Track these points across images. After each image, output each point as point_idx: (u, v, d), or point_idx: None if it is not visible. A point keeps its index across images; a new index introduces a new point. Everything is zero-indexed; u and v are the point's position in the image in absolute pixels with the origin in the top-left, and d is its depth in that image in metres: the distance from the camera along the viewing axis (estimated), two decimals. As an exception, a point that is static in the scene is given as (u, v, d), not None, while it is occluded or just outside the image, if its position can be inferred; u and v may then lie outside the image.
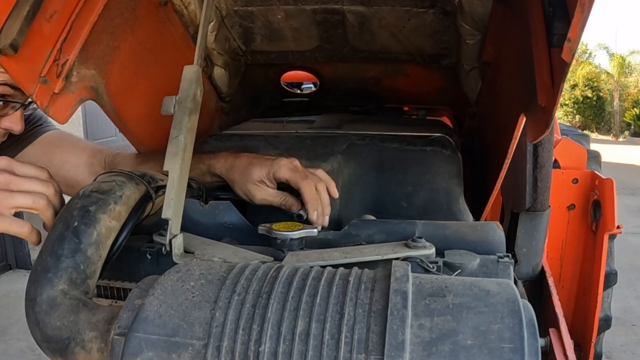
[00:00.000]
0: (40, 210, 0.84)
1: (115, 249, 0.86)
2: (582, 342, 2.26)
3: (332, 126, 1.45)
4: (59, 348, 0.72)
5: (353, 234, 0.96)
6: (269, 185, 1.07)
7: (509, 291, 0.62)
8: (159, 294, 0.65)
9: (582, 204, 2.29)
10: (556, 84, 0.78)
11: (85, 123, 5.24)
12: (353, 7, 1.33)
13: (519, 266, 1.28)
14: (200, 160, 1.13)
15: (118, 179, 0.89)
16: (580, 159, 2.36)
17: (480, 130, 1.51)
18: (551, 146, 1.23)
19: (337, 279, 0.65)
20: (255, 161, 1.08)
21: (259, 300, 0.62)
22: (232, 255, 0.87)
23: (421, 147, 1.26)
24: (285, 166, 1.04)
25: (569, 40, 0.69)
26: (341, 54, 1.53)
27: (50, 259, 0.77)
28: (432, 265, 0.83)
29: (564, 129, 3.21)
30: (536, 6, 0.88)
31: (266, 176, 1.06)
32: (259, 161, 1.08)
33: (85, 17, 1.01)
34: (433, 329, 0.58)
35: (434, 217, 1.14)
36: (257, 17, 1.41)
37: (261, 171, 1.06)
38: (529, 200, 1.23)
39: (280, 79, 1.77)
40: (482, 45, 1.30)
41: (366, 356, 0.56)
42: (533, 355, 0.56)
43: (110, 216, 0.84)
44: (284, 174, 1.04)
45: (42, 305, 0.74)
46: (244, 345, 0.59)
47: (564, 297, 2.28)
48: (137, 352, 0.60)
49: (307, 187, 1.01)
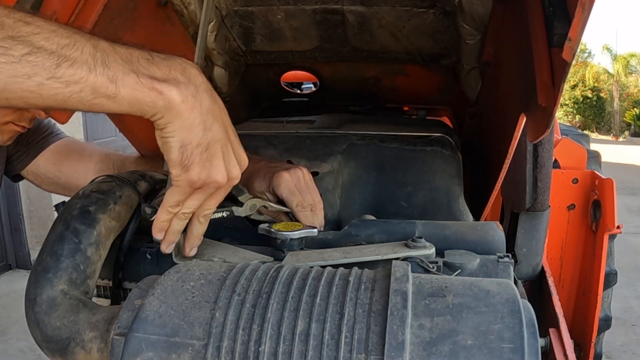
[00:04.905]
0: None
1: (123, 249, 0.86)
2: (582, 342, 2.26)
3: (332, 126, 1.45)
4: (58, 348, 0.72)
5: (353, 234, 0.96)
6: (270, 197, 1.05)
7: (509, 291, 0.62)
8: (159, 294, 0.65)
9: (582, 204, 2.29)
10: (556, 84, 0.78)
11: (85, 123, 5.24)
12: (353, 7, 1.33)
13: (519, 266, 1.28)
14: None
15: (118, 180, 0.89)
16: (580, 159, 2.36)
17: (480, 130, 1.51)
18: (551, 146, 1.23)
19: (337, 279, 0.65)
20: (259, 171, 1.06)
21: (259, 300, 0.62)
22: (232, 255, 0.87)
23: (421, 147, 1.26)
24: (284, 184, 1.01)
25: (569, 40, 0.69)
26: (341, 54, 1.53)
27: (50, 259, 0.77)
28: (432, 265, 0.83)
29: (564, 129, 3.21)
30: (536, 6, 0.88)
31: (267, 189, 1.04)
32: (262, 172, 1.05)
33: (85, 17, 1.01)
34: (433, 329, 0.58)
35: (433, 217, 1.14)
36: (257, 17, 1.41)
37: (262, 183, 1.04)
38: (529, 200, 1.23)
39: (280, 79, 1.77)
40: (482, 45, 1.30)
41: (366, 356, 0.56)
42: (533, 355, 0.56)
43: (110, 216, 0.84)
44: (281, 193, 1.02)
45: (42, 306, 0.74)
46: (244, 346, 0.59)
47: (564, 297, 2.28)
48: (137, 352, 0.60)
49: (301, 214, 1.00)
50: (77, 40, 0.60)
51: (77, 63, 0.59)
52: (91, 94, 0.61)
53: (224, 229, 1.02)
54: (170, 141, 0.67)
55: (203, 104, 0.68)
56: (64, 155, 1.29)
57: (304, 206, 1.00)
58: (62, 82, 0.59)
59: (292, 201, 1.00)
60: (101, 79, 0.61)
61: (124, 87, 0.62)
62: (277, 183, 1.02)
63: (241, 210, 0.94)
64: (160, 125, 0.67)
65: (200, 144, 0.69)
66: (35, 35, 0.58)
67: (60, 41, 0.59)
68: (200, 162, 0.70)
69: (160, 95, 0.63)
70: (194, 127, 0.67)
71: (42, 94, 0.59)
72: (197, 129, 0.67)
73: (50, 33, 0.59)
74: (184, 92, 0.65)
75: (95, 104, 0.62)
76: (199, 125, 0.67)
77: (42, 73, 0.58)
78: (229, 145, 0.74)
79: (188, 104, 0.65)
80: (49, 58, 0.58)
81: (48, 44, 0.59)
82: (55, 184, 1.30)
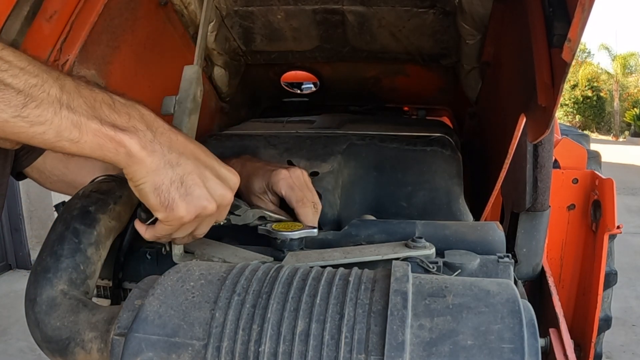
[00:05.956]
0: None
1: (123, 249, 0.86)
2: (582, 342, 2.26)
3: (332, 126, 1.45)
4: (58, 348, 0.72)
5: (353, 234, 0.96)
6: (270, 198, 1.05)
7: (509, 291, 0.62)
8: (159, 294, 0.65)
9: (582, 204, 2.29)
10: (556, 84, 0.78)
11: (85, 123, 5.24)
12: (353, 7, 1.33)
13: (519, 266, 1.28)
14: None
15: (118, 180, 0.89)
16: (580, 159, 2.36)
17: (480, 130, 1.51)
18: (551, 146, 1.23)
19: (337, 279, 0.64)
20: (257, 171, 1.06)
21: (259, 300, 0.62)
22: (232, 255, 0.87)
23: (421, 147, 1.26)
24: (283, 180, 1.01)
25: (569, 41, 0.69)
26: (341, 54, 1.53)
27: (50, 259, 0.77)
28: (432, 266, 0.83)
29: (564, 129, 3.22)
30: (536, 6, 0.88)
31: (266, 187, 1.04)
32: (261, 172, 1.05)
33: (85, 17, 1.01)
34: (433, 329, 0.58)
35: (434, 217, 1.13)
36: (257, 17, 1.41)
37: (261, 182, 1.04)
38: (529, 200, 1.23)
39: (280, 79, 1.77)
40: (482, 45, 1.30)
41: (366, 356, 0.56)
42: (533, 356, 0.56)
43: (110, 216, 0.84)
44: (280, 189, 1.02)
45: (42, 306, 0.74)
46: (244, 346, 0.59)
47: (564, 297, 2.28)
48: (136, 353, 0.60)
49: (301, 210, 1.00)
50: (45, 81, 0.61)
51: (43, 104, 0.60)
52: (55, 137, 0.61)
53: (224, 229, 1.02)
54: (142, 188, 0.69)
55: (163, 145, 0.69)
56: None
57: (304, 202, 1.00)
58: (27, 121, 0.59)
59: (292, 197, 1.00)
60: (65, 122, 0.61)
61: (87, 133, 0.63)
62: (276, 180, 1.02)
63: (239, 219, 0.94)
64: (129, 175, 0.68)
65: (174, 181, 0.70)
66: (3, 72, 0.58)
67: (29, 80, 0.60)
68: (181, 198, 0.70)
69: (121, 145, 0.65)
70: (159, 168, 0.68)
71: (6, 130, 0.59)
72: (164, 169, 0.69)
73: (19, 71, 0.59)
74: (142, 140, 0.67)
75: (57, 146, 0.63)
76: (164, 166, 0.69)
77: (8, 110, 0.58)
78: (207, 172, 0.74)
79: (147, 150, 0.67)
80: (16, 97, 0.58)
81: (16, 82, 0.59)
82: (61, 182, 1.30)
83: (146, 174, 0.68)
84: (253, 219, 0.95)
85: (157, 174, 0.68)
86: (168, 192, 0.69)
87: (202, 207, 0.72)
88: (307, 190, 1.02)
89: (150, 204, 0.70)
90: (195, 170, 0.72)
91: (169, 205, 0.70)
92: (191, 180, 0.71)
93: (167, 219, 0.71)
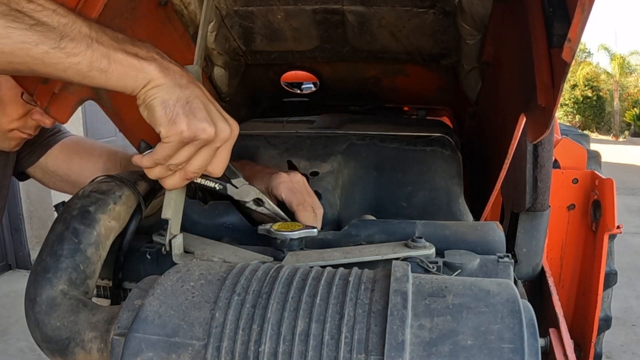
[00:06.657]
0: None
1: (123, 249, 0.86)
2: (582, 342, 2.26)
3: (332, 126, 1.45)
4: (58, 348, 0.72)
5: (353, 234, 0.96)
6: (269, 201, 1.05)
7: (509, 291, 0.62)
8: (159, 294, 0.65)
9: (582, 204, 2.29)
10: (556, 84, 0.78)
11: (85, 123, 5.24)
12: (353, 7, 1.33)
13: (519, 266, 1.28)
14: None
15: (117, 180, 0.89)
16: (580, 159, 2.36)
17: (480, 130, 1.51)
18: (551, 146, 1.23)
19: (337, 279, 0.64)
20: (257, 175, 1.06)
21: (259, 300, 0.62)
22: (232, 256, 0.87)
23: (421, 147, 1.26)
24: (284, 184, 1.02)
25: (569, 41, 0.69)
26: (341, 54, 1.53)
27: (50, 259, 0.77)
28: (432, 266, 0.83)
29: (564, 129, 3.22)
30: (536, 6, 0.88)
31: (265, 191, 1.03)
32: (260, 175, 1.06)
33: (85, 17, 1.01)
34: (433, 329, 0.58)
35: (433, 217, 1.13)
36: (257, 17, 1.41)
37: (261, 186, 1.03)
38: (529, 200, 1.23)
39: (280, 79, 1.77)
40: (482, 45, 1.30)
41: (366, 356, 0.56)
42: (533, 356, 0.56)
43: (110, 216, 0.84)
44: (280, 192, 1.02)
45: (41, 306, 0.74)
46: (244, 346, 0.59)
47: (564, 297, 2.28)
48: (136, 353, 0.60)
49: (301, 214, 1.00)
50: (74, 21, 0.69)
51: (77, 39, 0.68)
52: (87, 67, 0.69)
53: (224, 229, 1.02)
54: (152, 103, 0.74)
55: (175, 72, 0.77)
56: (75, 152, 1.30)
57: (304, 205, 1.00)
58: (65, 52, 0.67)
59: (292, 200, 1.00)
60: (97, 54, 0.70)
61: (114, 62, 0.71)
62: (276, 183, 1.02)
63: (235, 192, 0.95)
64: (142, 96, 0.75)
65: (180, 99, 0.75)
66: (38, 12, 0.66)
67: (61, 20, 0.68)
68: (185, 114, 0.75)
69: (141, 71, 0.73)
70: (170, 87, 0.75)
71: (45, 61, 0.67)
72: (173, 88, 0.75)
73: (51, 12, 0.67)
74: (159, 66, 0.75)
75: (88, 77, 0.70)
76: (174, 86, 0.75)
77: (48, 42, 0.66)
78: (211, 105, 0.79)
79: (163, 72, 0.75)
80: (53, 32, 0.67)
81: (50, 21, 0.67)
82: (64, 181, 1.31)
83: (158, 90, 0.74)
84: (249, 198, 0.96)
85: (168, 91, 0.75)
86: (174, 107, 0.75)
87: (202, 129, 0.76)
88: (307, 194, 1.03)
89: (155, 117, 0.75)
90: (201, 96, 0.78)
91: (172, 118, 0.75)
92: (196, 103, 0.77)
93: (167, 134, 0.75)
